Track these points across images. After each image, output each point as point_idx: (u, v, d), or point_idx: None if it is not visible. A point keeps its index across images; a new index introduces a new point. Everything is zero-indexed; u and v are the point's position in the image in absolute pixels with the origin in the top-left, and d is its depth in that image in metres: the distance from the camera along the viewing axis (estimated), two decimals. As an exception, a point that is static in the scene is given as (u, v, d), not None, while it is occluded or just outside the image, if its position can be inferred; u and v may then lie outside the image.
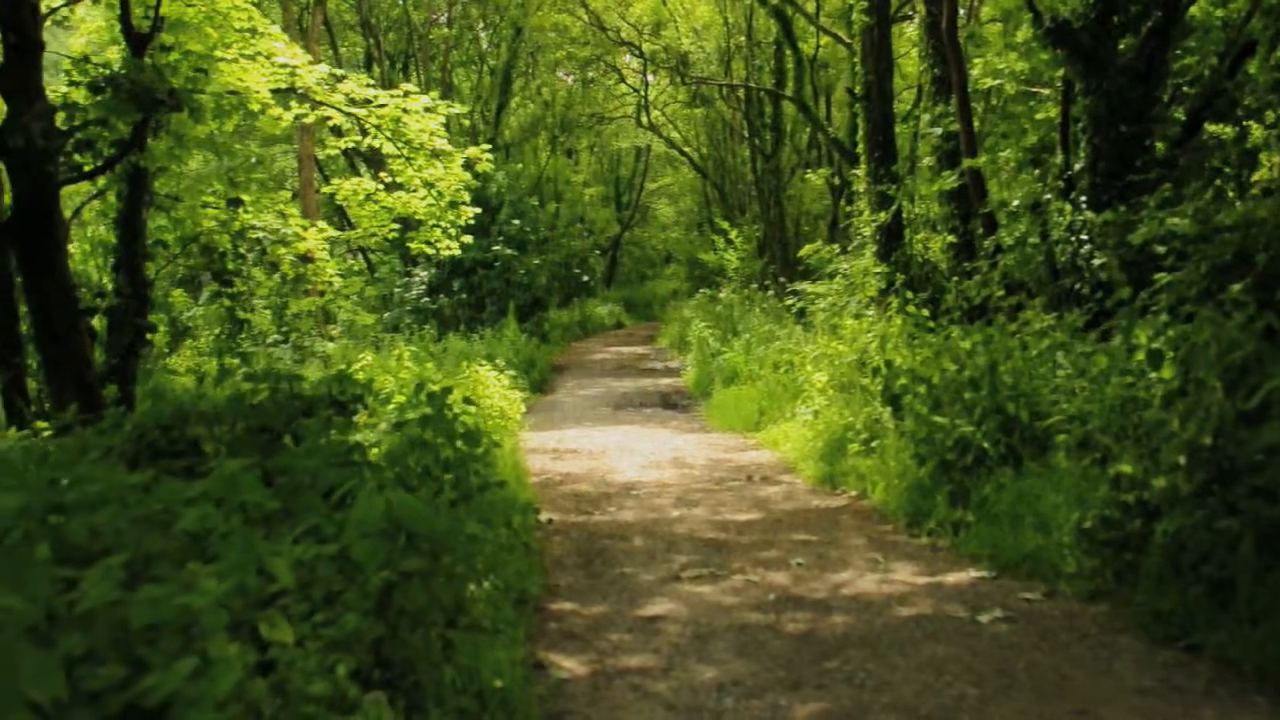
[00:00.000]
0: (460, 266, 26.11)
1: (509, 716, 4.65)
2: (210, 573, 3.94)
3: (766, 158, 29.53)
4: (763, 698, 5.20)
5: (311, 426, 6.37)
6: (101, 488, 4.04)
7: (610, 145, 48.30)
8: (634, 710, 5.09)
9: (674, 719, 4.98)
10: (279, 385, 6.74)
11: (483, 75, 35.29)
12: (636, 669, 5.64)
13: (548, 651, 5.91)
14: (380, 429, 8.17)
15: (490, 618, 5.64)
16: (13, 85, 11.58)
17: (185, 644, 3.40)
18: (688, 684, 5.41)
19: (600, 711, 5.09)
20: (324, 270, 15.36)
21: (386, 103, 14.37)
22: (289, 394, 6.76)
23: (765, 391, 16.37)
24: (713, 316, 24.53)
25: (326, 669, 3.84)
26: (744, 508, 9.98)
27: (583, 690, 5.35)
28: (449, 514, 5.45)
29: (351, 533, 4.33)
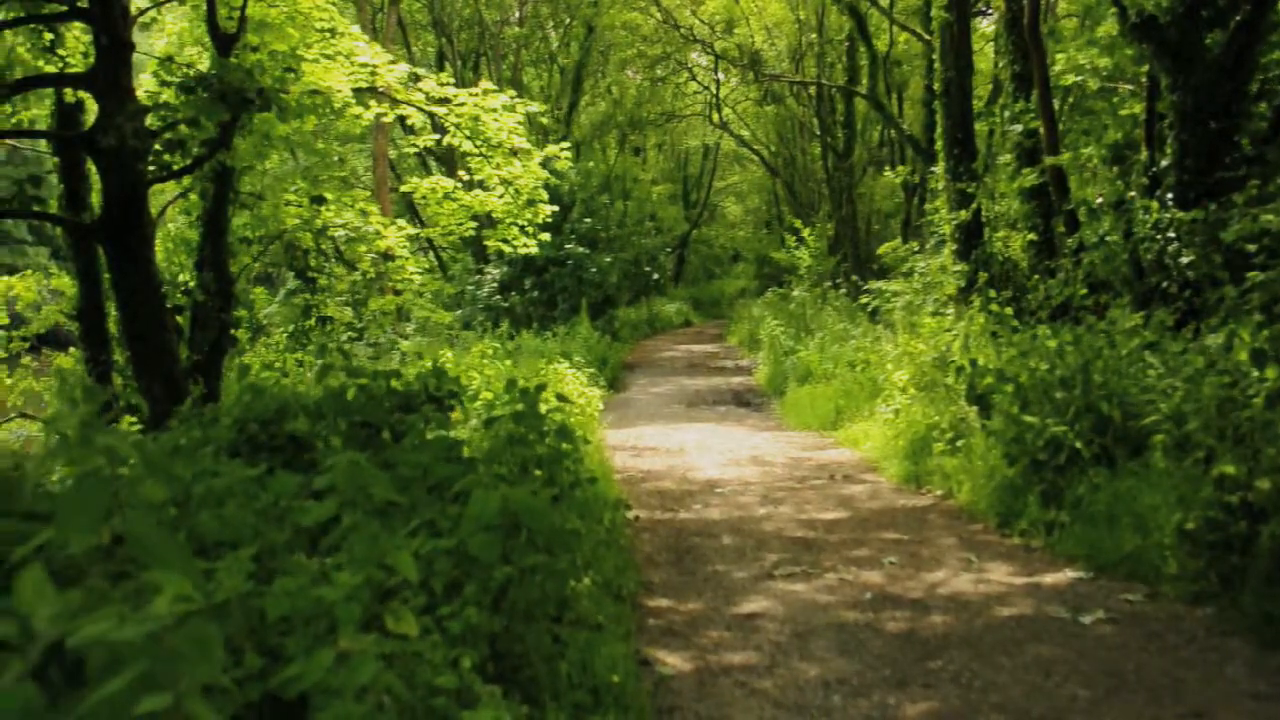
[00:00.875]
0: (532, 264, 26.19)
1: (623, 712, 4.67)
2: (333, 565, 3.99)
3: (839, 155, 29.39)
4: (869, 696, 5.17)
5: (414, 422, 6.42)
6: (228, 481, 4.10)
7: (679, 144, 48.26)
8: (742, 707, 5.08)
9: (783, 716, 4.97)
10: (378, 381, 6.79)
11: (552, 74, 35.40)
12: (740, 666, 5.64)
13: (650, 648, 5.92)
14: (471, 425, 8.21)
15: (594, 614, 5.66)
16: (104, 86, 11.77)
17: (319, 635, 3.45)
18: (793, 681, 5.39)
19: (709, 708, 5.09)
20: (404, 268, 15.48)
21: (465, 101, 14.46)
22: (387, 389, 6.81)
23: (841, 390, 16.29)
24: (784, 315, 24.44)
25: (450, 662, 3.87)
26: (829, 506, 9.93)
27: (688, 686, 5.35)
28: (554, 510, 5.46)
29: (468, 527, 4.35)
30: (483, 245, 25.02)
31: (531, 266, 26.52)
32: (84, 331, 15.37)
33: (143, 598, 2.01)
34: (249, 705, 3.15)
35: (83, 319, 15.29)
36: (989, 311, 12.29)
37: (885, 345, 15.57)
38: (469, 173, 15.54)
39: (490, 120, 14.67)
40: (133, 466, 2.99)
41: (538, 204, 15.51)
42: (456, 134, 14.86)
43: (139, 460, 2.96)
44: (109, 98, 11.71)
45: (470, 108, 14.56)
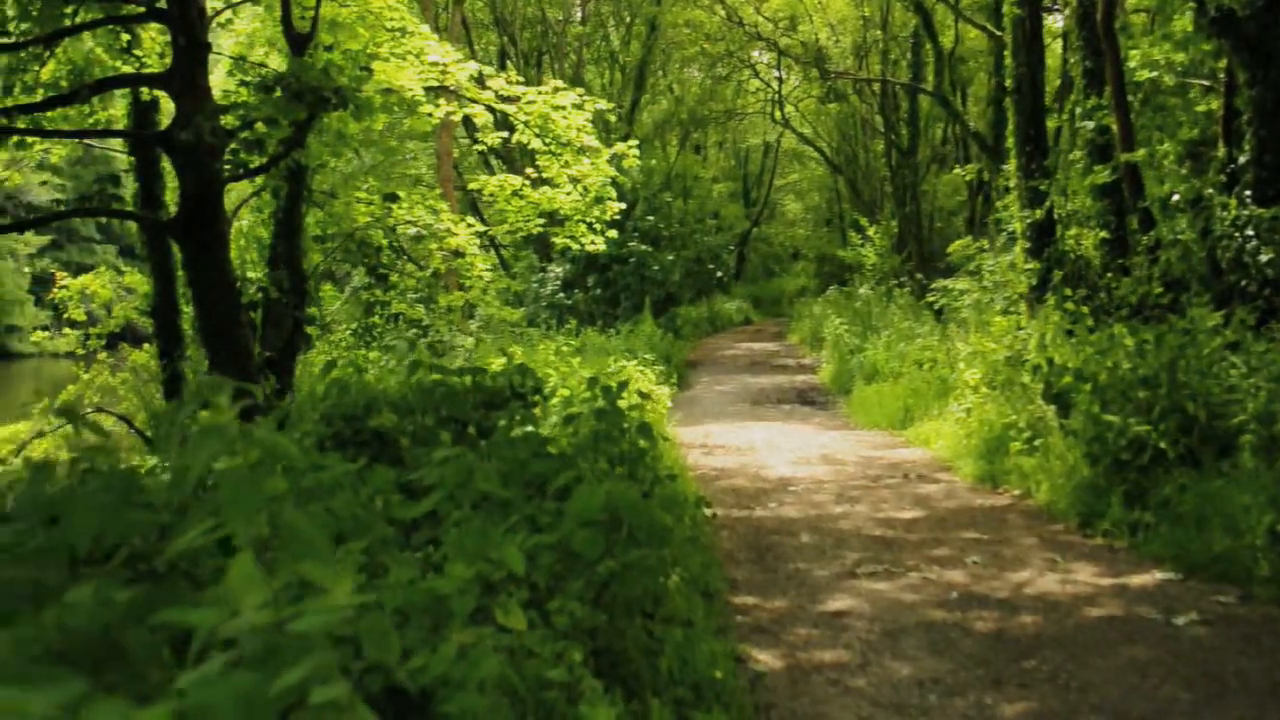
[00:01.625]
0: (595, 262, 26.25)
1: (725, 709, 4.67)
2: (438, 558, 4.02)
3: (903, 153, 29.22)
4: (965, 695, 5.14)
5: (503, 418, 6.45)
6: (334, 474, 4.13)
7: (741, 141, 48.19)
8: (838, 705, 5.07)
9: (881, 714, 4.95)
10: (464, 377, 6.83)
11: (613, 72, 35.46)
12: (831, 664, 5.62)
13: (740, 644, 5.92)
14: (551, 422, 8.24)
15: (685, 610, 5.66)
16: (182, 85, 11.91)
17: (431, 629, 3.47)
18: (886, 680, 5.37)
19: (805, 705, 5.08)
20: (475, 265, 15.56)
21: (535, 99, 14.51)
22: (472, 386, 6.85)
23: (909, 389, 16.20)
24: (848, 313, 24.33)
25: (557, 656, 3.89)
26: (906, 505, 9.87)
27: (782, 684, 5.35)
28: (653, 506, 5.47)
29: (570, 522, 4.37)
30: (545, 243, 25.16)
31: (594, 264, 26.58)
32: (158, 328, 15.59)
33: (305, 589, 2.03)
34: (368, 697, 3.18)
35: (157, 315, 15.51)
36: (1064, 310, 12.16)
37: (956, 343, 15.44)
38: (537, 170, 15.59)
39: (559, 118, 14.72)
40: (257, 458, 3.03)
41: (606, 201, 15.54)
42: (525, 132, 14.91)
43: (264, 452, 3.00)
44: (186, 97, 11.85)
45: (540, 106, 14.61)
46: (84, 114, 14.29)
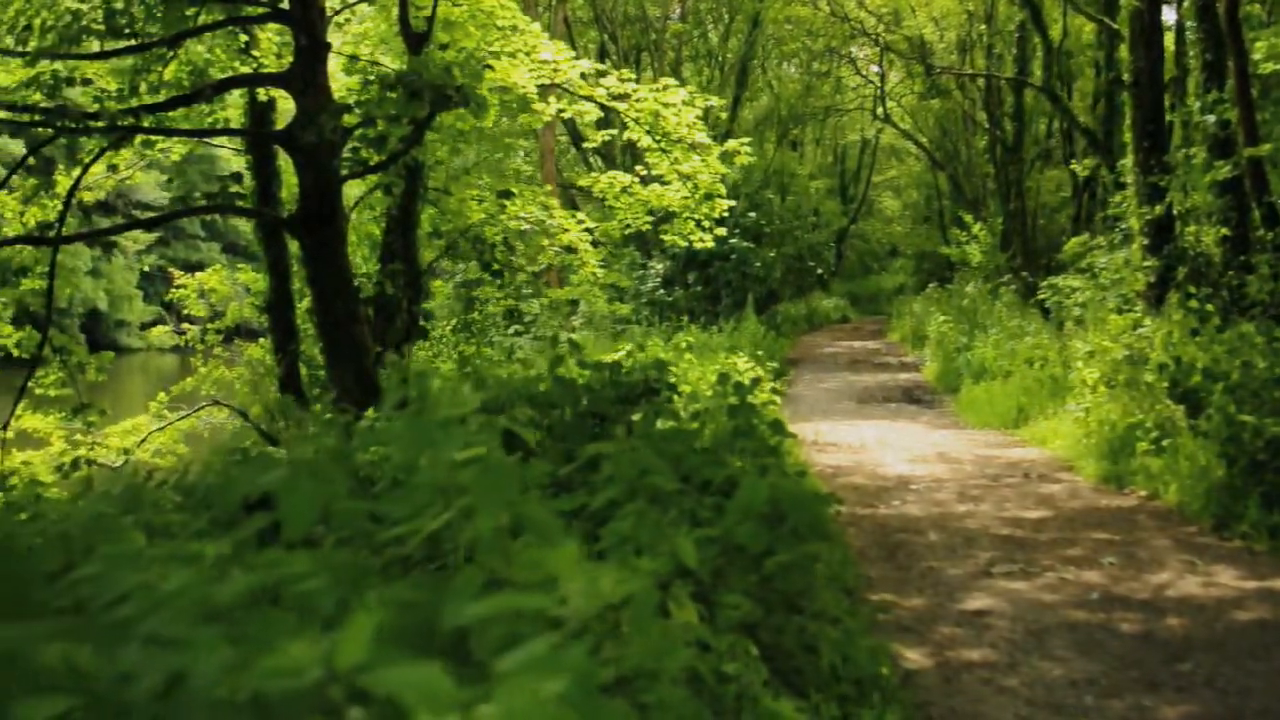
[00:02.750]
0: (695, 259, 26.21)
1: (885, 705, 4.65)
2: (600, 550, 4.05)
3: (1007, 149, 28.84)
4: (1122, 697, 5.07)
5: (638, 413, 6.48)
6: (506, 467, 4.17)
7: (840, 138, 47.92)
8: (994, 704, 5.02)
9: (1039, 715, 4.90)
10: (603, 372, 6.87)
11: (711, 69, 35.43)
12: (980, 663, 5.57)
13: (885, 642, 5.89)
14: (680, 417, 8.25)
15: (833, 606, 5.64)
16: (303, 84, 12.12)
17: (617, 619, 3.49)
18: (1038, 680, 5.31)
19: (961, 704, 5.04)
20: (588, 262, 15.64)
21: (646, 96, 14.54)
22: (610, 380, 6.89)
23: (1021, 387, 16.01)
24: (952, 310, 24.07)
25: (730, 650, 3.90)
26: (1030, 504, 9.75)
27: (935, 682, 5.31)
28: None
29: (733, 516, 4.37)
30: (646, 240, 25.20)
31: (695, 261, 26.54)
32: (273, 322, 15.86)
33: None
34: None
35: (272, 310, 15.78)
36: (1187, 308, 11.91)
37: (1074, 341, 15.19)
38: (647, 167, 15.61)
39: (670, 115, 14.73)
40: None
41: (715, 198, 15.53)
42: (635, 129, 14.95)
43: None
44: (307, 96, 12.05)
45: (650, 103, 14.63)
46: (203, 113, 14.59)
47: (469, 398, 2.57)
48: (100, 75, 13.25)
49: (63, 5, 12.30)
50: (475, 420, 5.47)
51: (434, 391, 3.00)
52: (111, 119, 11.74)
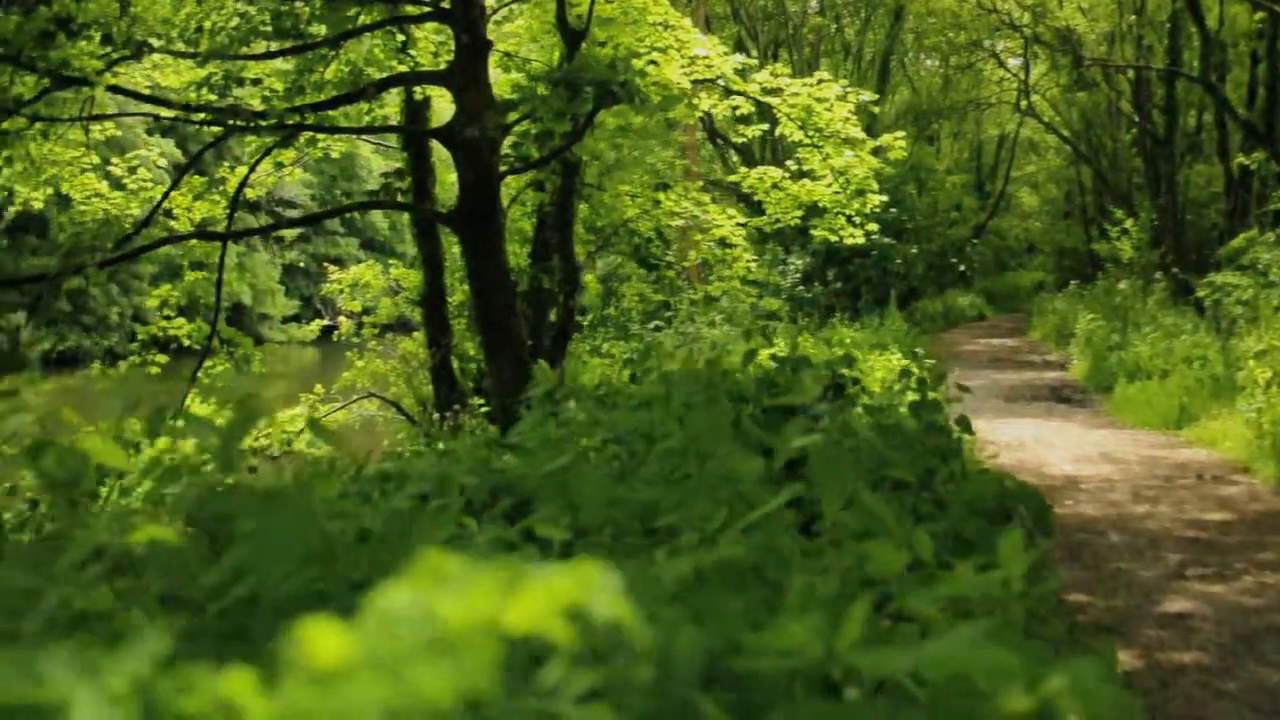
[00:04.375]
0: (836, 255, 26.05)
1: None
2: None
3: (1158, 142, 28.13)
4: (1350, 706, 4.93)
5: (842, 406, 6.45)
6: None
7: (981, 132, 47.19)
8: (1215, 709, 4.92)
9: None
10: (790, 365, 6.86)
11: (848, 63, 35.16)
12: (1193, 666, 5.46)
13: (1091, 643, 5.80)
14: (855, 413, 8.20)
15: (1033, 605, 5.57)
16: (464, 82, 12.32)
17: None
18: (1258, 685, 5.19)
19: (1181, 707, 4.95)
20: (741, 257, 15.66)
21: (799, 91, 14.48)
22: (795, 375, 6.87)
23: (1182, 387, 15.63)
24: (1101, 308, 23.57)
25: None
26: (1210, 507, 9.52)
27: (1151, 685, 5.22)
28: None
29: (958, 510, 4.34)
30: (784, 235, 25.11)
31: (835, 257, 26.39)
32: (426, 316, 16.13)
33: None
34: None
35: (425, 304, 16.05)
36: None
37: (1243, 340, 14.77)
38: (798, 162, 15.56)
39: (823, 110, 14.65)
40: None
41: (866, 193, 15.41)
42: (788, 124, 14.90)
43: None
44: (468, 93, 12.24)
45: (804, 97, 14.57)
46: (361, 112, 14.88)
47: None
48: (267, 76, 13.60)
49: (230, 7, 12.65)
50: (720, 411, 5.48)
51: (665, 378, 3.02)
52: (279, 117, 12.05)
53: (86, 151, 13.82)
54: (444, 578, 0.63)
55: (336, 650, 0.59)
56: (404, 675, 0.58)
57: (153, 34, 12.13)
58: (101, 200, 13.99)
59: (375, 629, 0.60)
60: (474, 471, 3.11)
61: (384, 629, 0.60)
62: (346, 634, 0.59)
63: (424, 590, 0.62)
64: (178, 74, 13.87)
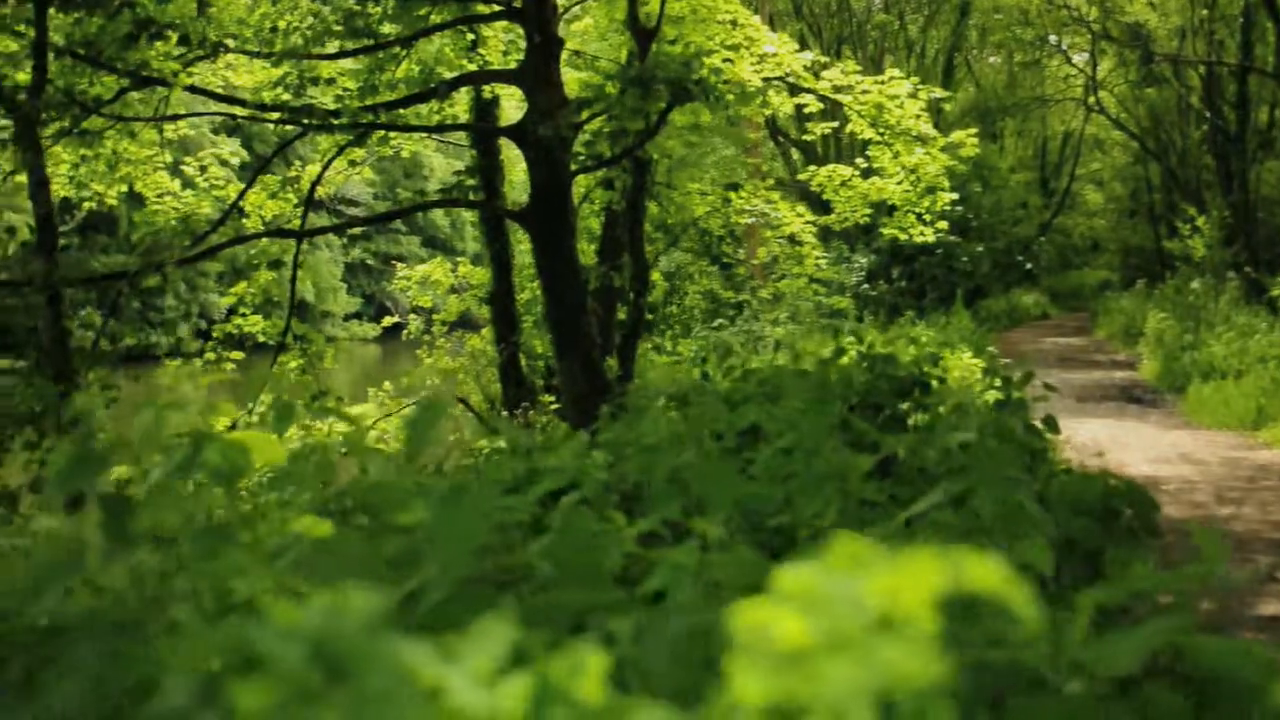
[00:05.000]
0: (901, 252, 25.92)
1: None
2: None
3: (1230, 139, 27.74)
4: None
5: (907, 406, 6.42)
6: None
7: (1041, 130, 46.73)
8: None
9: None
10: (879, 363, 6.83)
11: (911, 60, 34.97)
12: (1295, 671, 5.37)
13: (1188, 645, 5.73)
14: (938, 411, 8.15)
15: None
16: (535, 80, 12.35)
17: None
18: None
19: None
20: (811, 254, 15.61)
21: (870, 89, 14.42)
22: (882, 373, 6.84)
23: (1259, 387, 15.41)
24: (1170, 307, 23.27)
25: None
26: (1296, 508, 9.39)
27: (1254, 689, 5.14)
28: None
29: (1062, 512, 4.30)
30: (848, 233, 25.00)
31: (900, 255, 26.25)
32: (495, 314, 16.21)
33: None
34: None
35: (494, 302, 16.12)
36: None
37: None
38: (866, 160, 15.49)
39: (893, 107, 14.58)
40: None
41: (938, 191, 15.31)
42: (858, 121, 14.83)
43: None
44: (539, 91, 12.27)
45: (874, 95, 14.50)
46: (431, 110, 14.97)
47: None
48: (339, 75, 13.72)
49: (304, 7, 12.77)
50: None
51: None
52: (353, 116, 12.15)
53: (160, 150, 13.99)
54: (860, 561, 0.63)
55: (797, 632, 0.59)
56: (873, 656, 0.58)
57: (227, 34, 12.26)
58: (174, 199, 14.16)
59: (813, 611, 0.60)
60: (599, 468, 3.12)
61: (820, 610, 0.60)
62: (797, 616, 0.60)
63: (845, 572, 0.63)
64: (250, 74, 14.03)
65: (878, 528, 2.69)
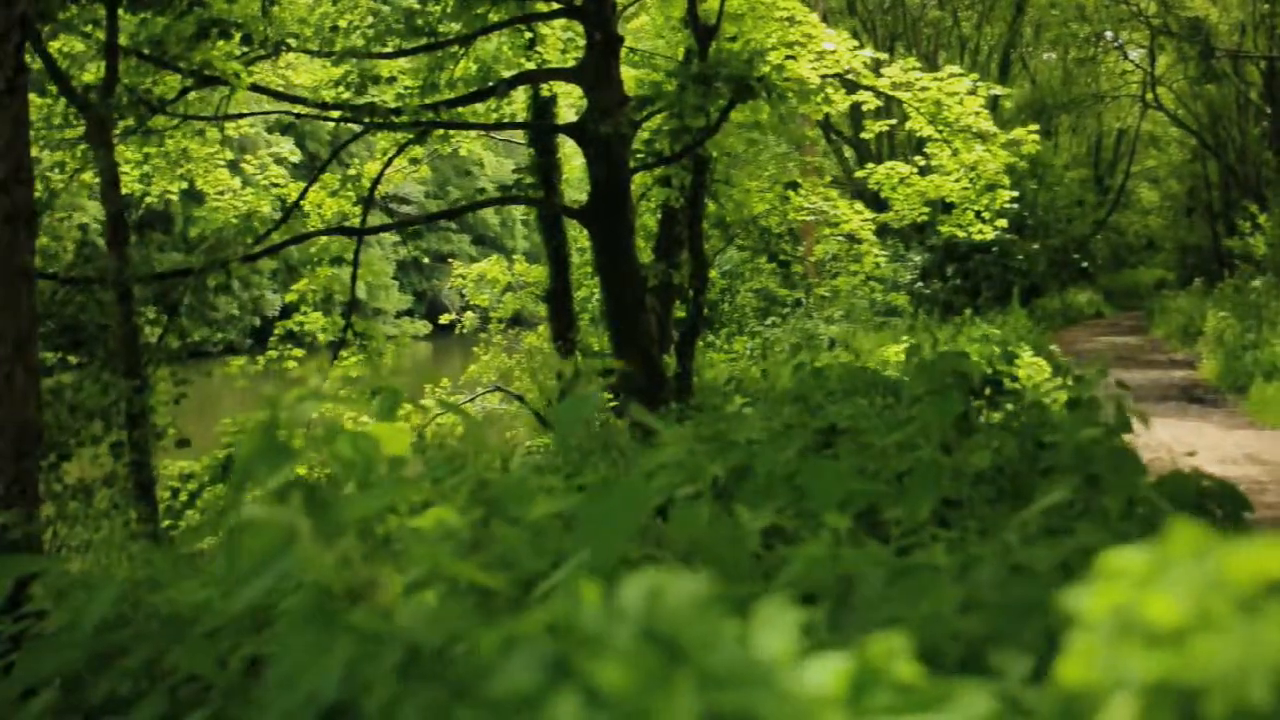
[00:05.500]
0: (955, 250, 25.75)
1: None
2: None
3: (1291, 135, 27.45)
4: None
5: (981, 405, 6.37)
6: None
7: (1095, 127, 46.29)
8: None
9: None
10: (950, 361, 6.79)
11: (964, 57, 34.76)
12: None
13: None
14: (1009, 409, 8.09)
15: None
16: (595, 78, 12.37)
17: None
18: None
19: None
20: (870, 252, 15.56)
21: (929, 86, 14.35)
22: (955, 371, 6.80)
23: (1324, 387, 15.23)
24: (1230, 306, 22.99)
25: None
26: (1370, 510, 9.26)
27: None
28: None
29: (1162, 507, 4.26)
30: (902, 232, 24.88)
31: (954, 253, 26.08)
32: (552, 311, 16.24)
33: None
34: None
35: (551, 300, 16.15)
36: None
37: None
38: (926, 158, 15.43)
39: (953, 104, 14.50)
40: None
41: (997, 189, 15.21)
42: (918, 118, 14.77)
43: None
44: (600, 89, 12.29)
45: (934, 92, 14.43)
46: (489, 109, 15.04)
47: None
48: (400, 73, 13.79)
49: (365, 6, 12.85)
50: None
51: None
52: (414, 115, 12.21)
53: (221, 149, 14.12)
54: (1200, 547, 0.63)
55: (1169, 611, 0.59)
56: (1260, 634, 0.58)
57: (289, 34, 12.35)
58: (233, 196, 14.29)
59: (1169, 591, 0.60)
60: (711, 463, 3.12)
61: (1176, 591, 0.60)
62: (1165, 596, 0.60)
63: (1195, 555, 0.63)
64: (310, 72, 14.14)
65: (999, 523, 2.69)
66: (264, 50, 12.02)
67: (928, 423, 3.20)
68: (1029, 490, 4.41)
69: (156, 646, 2.50)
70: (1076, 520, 2.55)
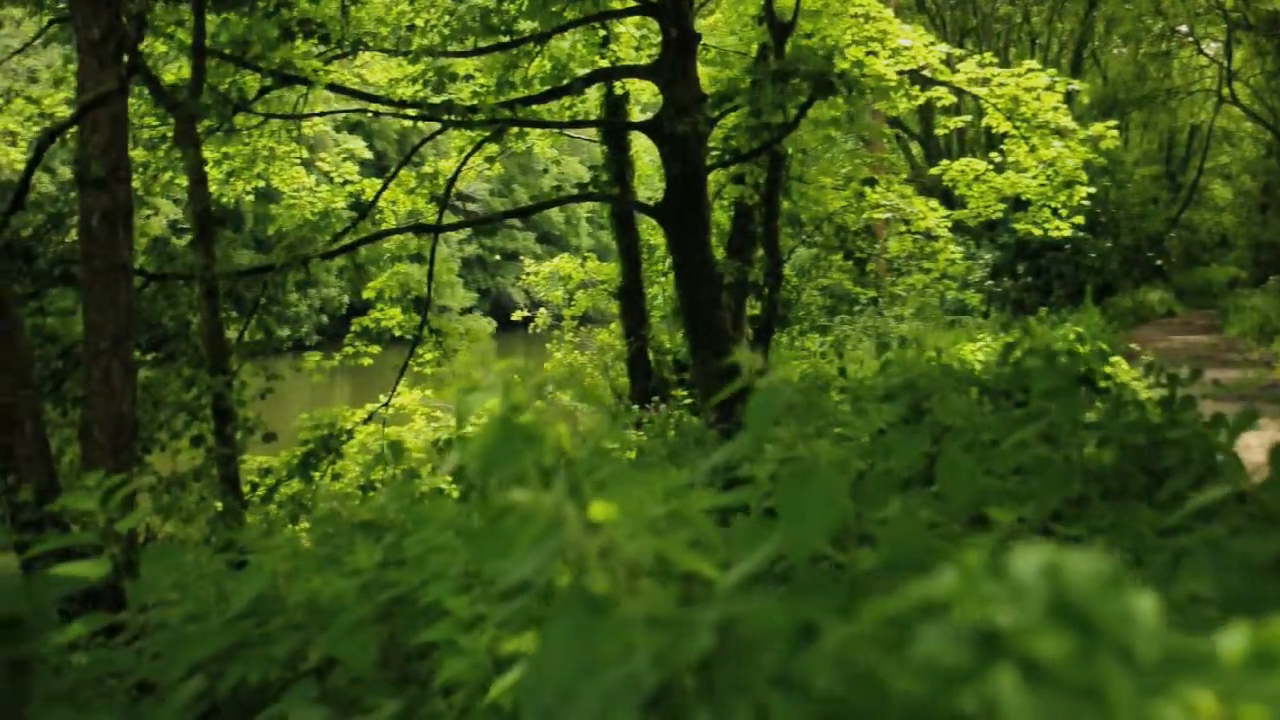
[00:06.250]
0: (1027, 248, 25.50)
1: None
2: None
3: (1372, 130, 26.95)
4: None
5: (1110, 404, 6.32)
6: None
7: (1171, 123, 45.65)
8: None
9: None
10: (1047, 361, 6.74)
11: (1035, 52, 34.43)
12: None
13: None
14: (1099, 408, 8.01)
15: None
16: (672, 75, 12.35)
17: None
18: None
19: None
20: (945, 249, 15.44)
21: (1006, 82, 14.22)
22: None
23: None
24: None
25: None
26: None
27: None
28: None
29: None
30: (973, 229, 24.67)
31: (1025, 250, 25.83)
32: (624, 308, 16.27)
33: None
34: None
35: (623, 296, 16.18)
36: None
37: None
38: (1003, 154, 15.28)
39: (1031, 99, 14.36)
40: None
41: (1075, 185, 15.04)
42: (994, 114, 14.63)
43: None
44: (676, 87, 12.28)
45: (1011, 87, 14.29)
46: (563, 106, 15.08)
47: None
48: (476, 72, 13.86)
49: (441, 4, 12.92)
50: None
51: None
52: (491, 112, 12.26)
53: (298, 146, 14.26)
54: None
55: None
56: None
57: (366, 33, 12.45)
58: (308, 194, 14.42)
59: None
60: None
61: None
62: None
63: None
64: (385, 70, 14.25)
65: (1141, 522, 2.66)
66: (341, 49, 12.13)
67: (1056, 422, 3.18)
68: (1137, 489, 4.37)
69: (305, 636, 2.54)
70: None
